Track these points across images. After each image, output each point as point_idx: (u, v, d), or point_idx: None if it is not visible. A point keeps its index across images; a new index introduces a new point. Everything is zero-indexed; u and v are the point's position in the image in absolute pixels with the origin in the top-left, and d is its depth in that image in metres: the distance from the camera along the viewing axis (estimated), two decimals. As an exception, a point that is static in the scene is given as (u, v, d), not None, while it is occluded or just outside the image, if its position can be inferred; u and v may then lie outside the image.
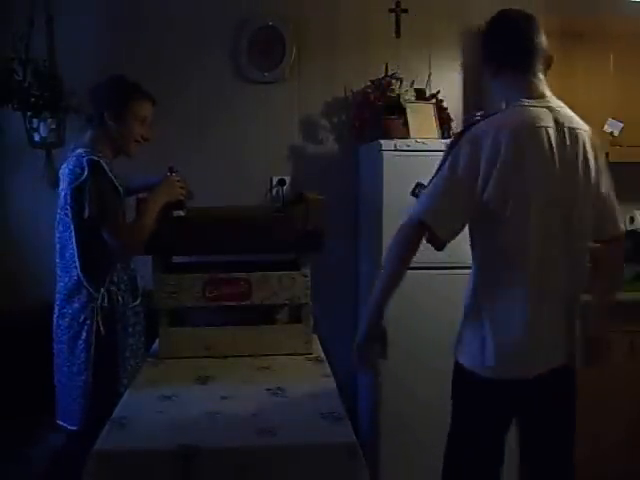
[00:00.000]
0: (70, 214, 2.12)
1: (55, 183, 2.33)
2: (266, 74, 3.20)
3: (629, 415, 3.00)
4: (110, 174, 2.14)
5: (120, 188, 2.18)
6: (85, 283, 2.13)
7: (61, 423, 2.18)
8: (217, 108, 3.18)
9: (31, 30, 2.85)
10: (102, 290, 2.14)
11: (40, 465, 2.24)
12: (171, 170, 2.34)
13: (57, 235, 2.20)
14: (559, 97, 3.24)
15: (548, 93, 1.78)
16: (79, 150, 2.15)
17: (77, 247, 2.13)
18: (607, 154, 3.05)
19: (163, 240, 2.23)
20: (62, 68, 2.91)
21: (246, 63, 3.18)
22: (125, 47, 3.07)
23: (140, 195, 2.30)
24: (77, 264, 2.13)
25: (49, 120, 2.88)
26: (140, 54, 3.08)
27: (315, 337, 2.40)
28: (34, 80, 2.80)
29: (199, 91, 3.17)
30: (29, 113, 2.86)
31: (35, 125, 2.89)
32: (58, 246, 2.20)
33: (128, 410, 1.77)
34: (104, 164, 2.13)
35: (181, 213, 2.29)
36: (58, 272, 2.21)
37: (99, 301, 2.13)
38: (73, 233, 2.13)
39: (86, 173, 2.07)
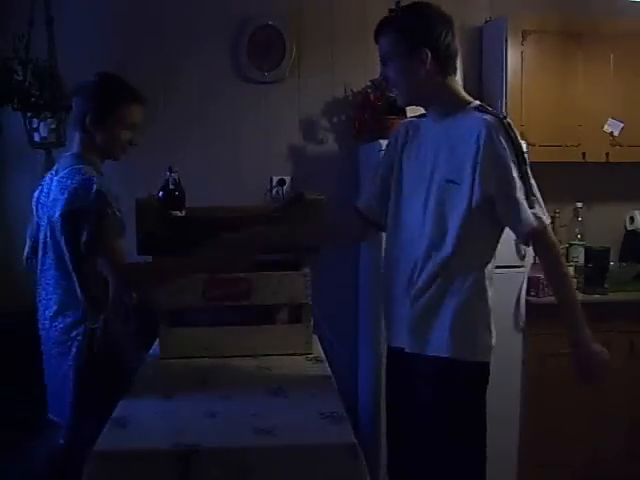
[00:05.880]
0: (65, 240, 1.91)
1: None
2: (266, 74, 3.20)
3: (629, 415, 3.00)
4: (114, 204, 1.92)
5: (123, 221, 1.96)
6: (86, 306, 1.96)
7: (52, 417, 2.07)
8: (217, 108, 3.18)
9: (31, 30, 2.85)
10: (100, 318, 1.97)
11: (41, 463, 2.23)
12: (170, 170, 2.33)
13: (49, 255, 1.99)
14: (559, 97, 3.26)
15: None
16: (77, 166, 1.94)
17: (76, 274, 1.94)
18: (607, 154, 3.10)
19: (163, 240, 2.23)
20: (62, 68, 2.91)
21: (246, 63, 3.18)
22: (125, 47, 3.07)
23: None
24: (77, 289, 1.95)
25: (49, 120, 2.87)
26: (140, 54, 3.08)
27: (315, 337, 2.40)
28: (34, 80, 2.80)
29: (199, 91, 3.17)
30: (29, 113, 2.86)
31: (35, 125, 2.89)
32: (54, 257, 1.98)
33: (128, 410, 1.76)
34: (108, 194, 1.91)
35: (179, 213, 2.29)
36: (52, 282, 2.00)
37: (96, 326, 1.96)
38: (69, 260, 1.93)
39: (91, 199, 1.86)
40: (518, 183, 1.67)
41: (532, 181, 1.70)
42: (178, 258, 2.03)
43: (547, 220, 1.71)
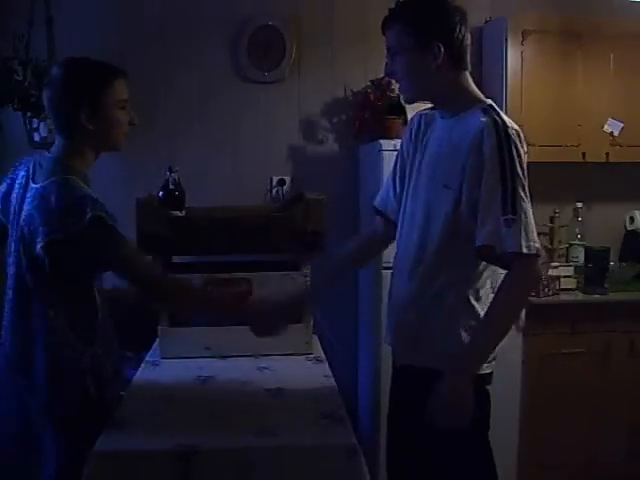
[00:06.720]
0: (49, 271, 1.64)
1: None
2: (266, 74, 3.20)
3: (629, 415, 3.00)
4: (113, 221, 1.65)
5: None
6: (72, 341, 1.70)
7: None
8: (217, 108, 3.18)
9: (31, 30, 2.85)
10: (88, 353, 1.72)
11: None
12: (170, 170, 2.34)
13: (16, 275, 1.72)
14: (559, 97, 3.25)
15: None
16: (63, 176, 1.66)
17: (63, 303, 1.71)
18: (607, 154, 3.10)
19: (163, 240, 2.23)
20: (62, 68, 2.91)
21: (246, 63, 3.18)
22: (125, 47, 3.06)
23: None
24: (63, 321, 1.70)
25: (49, 120, 2.87)
26: (140, 54, 3.08)
27: (315, 337, 2.40)
28: (34, 80, 2.80)
29: (199, 91, 3.17)
30: (29, 113, 2.86)
31: (35, 125, 2.89)
32: (13, 289, 1.73)
33: (128, 410, 1.77)
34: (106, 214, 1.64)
35: (179, 213, 2.29)
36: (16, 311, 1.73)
37: (84, 362, 1.71)
38: (47, 289, 1.69)
39: (85, 225, 1.59)
40: (496, 194, 1.51)
41: (521, 199, 1.51)
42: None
43: (525, 248, 1.49)
